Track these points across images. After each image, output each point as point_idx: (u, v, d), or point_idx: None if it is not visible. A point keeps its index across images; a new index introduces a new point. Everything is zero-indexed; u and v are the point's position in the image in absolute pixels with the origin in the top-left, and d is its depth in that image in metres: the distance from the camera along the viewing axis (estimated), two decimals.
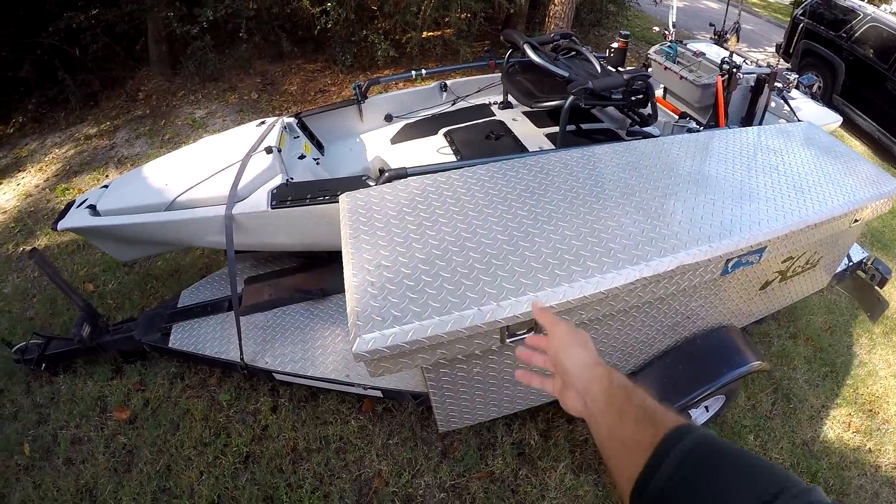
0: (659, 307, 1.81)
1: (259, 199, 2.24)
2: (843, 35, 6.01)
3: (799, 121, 2.86)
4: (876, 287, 2.45)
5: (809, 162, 2.11)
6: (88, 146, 4.68)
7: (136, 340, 2.53)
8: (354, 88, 3.11)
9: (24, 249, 3.51)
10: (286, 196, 2.21)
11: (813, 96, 3.13)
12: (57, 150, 4.68)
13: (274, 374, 2.32)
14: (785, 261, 2.00)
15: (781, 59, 6.75)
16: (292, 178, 2.40)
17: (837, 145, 2.29)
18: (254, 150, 2.43)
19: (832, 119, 3.10)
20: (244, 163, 2.35)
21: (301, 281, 2.57)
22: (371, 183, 2.22)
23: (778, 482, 0.52)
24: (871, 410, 2.66)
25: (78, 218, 2.39)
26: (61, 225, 2.37)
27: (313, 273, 2.61)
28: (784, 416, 2.58)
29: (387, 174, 2.16)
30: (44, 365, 2.58)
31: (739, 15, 3.00)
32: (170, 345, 2.46)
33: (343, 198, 1.85)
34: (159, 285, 3.15)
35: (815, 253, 2.10)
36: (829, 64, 6.15)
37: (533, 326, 1.50)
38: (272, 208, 2.20)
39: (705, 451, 0.59)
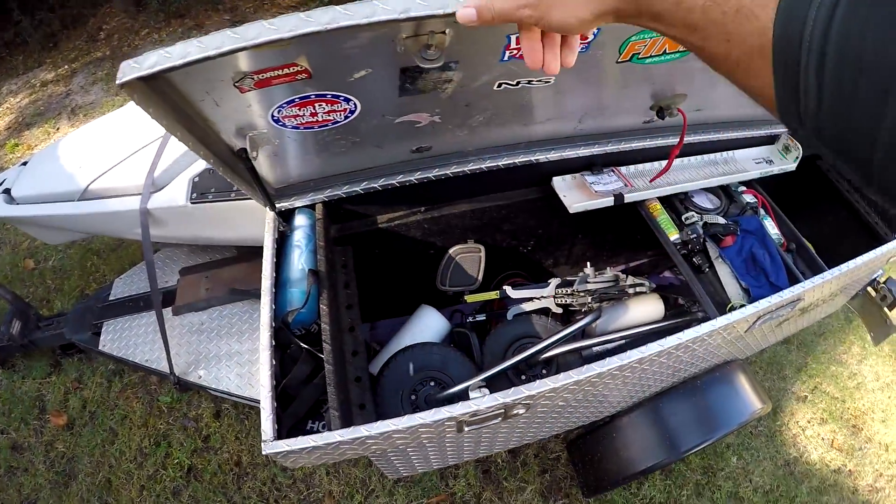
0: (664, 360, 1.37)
1: (178, 191, 1.75)
2: None
3: None
4: (885, 309, 2.03)
5: None
6: (44, 94, 4.03)
7: (66, 338, 2.14)
8: None
9: None
10: (209, 187, 1.71)
11: None
12: (12, 99, 4.05)
13: (209, 391, 1.89)
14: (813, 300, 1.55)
15: None
16: None
17: None
18: None
19: None
20: (163, 142, 1.82)
21: (242, 274, 2.09)
22: None
23: None
24: (854, 426, 2.33)
25: None
26: None
27: (253, 266, 2.10)
28: (769, 433, 2.24)
29: None
30: None
31: None
32: (100, 347, 2.04)
33: (269, 218, 1.36)
34: (101, 263, 2.68)
35: (845, 286, 1.65)
36: None
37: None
38: (192, 202, 1.71)
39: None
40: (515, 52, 1.04)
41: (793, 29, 0.38)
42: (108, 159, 1.89)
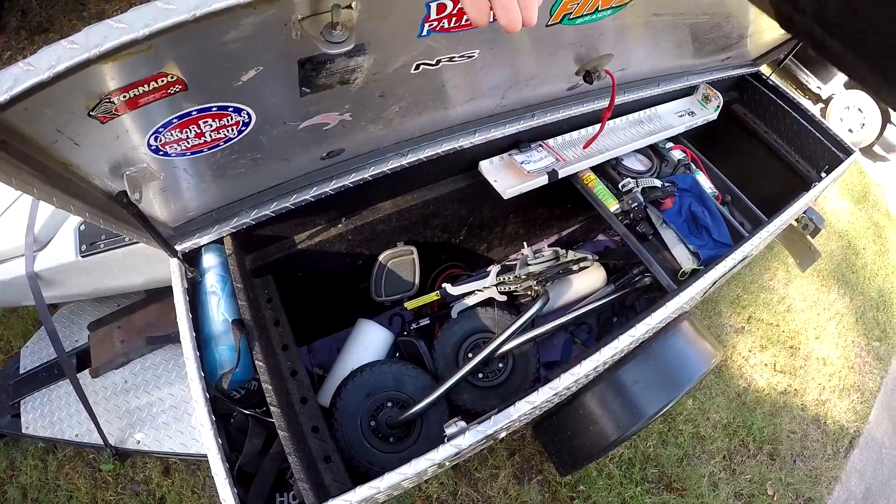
0: None
1: (64, 245, 1.52)
2: None
3: None
4: (808, 237, 2.10)
5: None
6: None
7: None
8: None
9: None
10: (98, 235, 1.49)
11: None
12: None
13: (153, 455, 1.71)
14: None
15: None
16: None
17: None
18: None
19: None
20: None
21: (155, 317, 1.87)
22: None
23: None
24: (792, 347, 2.46)
25: None
26: None
27: (166, 306, 1.88)
28: (717, 370, 2.32)
29: None
30: None
31: None
32: (24, 430, 1.81)
33: (173, 265, 1.18)
34: (2, 329, 2.34)
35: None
36: None
37: None
38: (83, 256, 1.48)
39: None
40: (436, 23, 0.88)
41: None
42: None
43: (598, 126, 1.55)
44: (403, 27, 0.86)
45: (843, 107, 4.40)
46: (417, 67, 1.02)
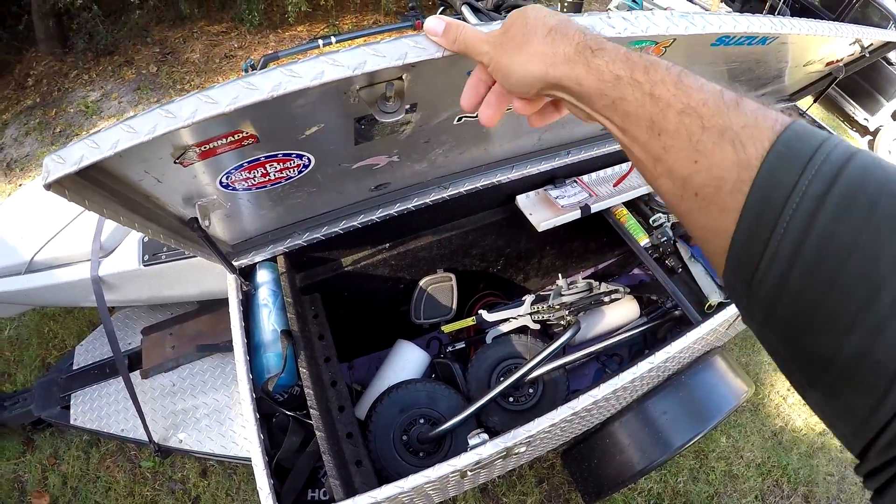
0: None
1: (129, 253, 1.65)
2: None
3: None
4: None
5: None
6: None
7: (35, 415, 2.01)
8: (245, 70, 2.33)
9: None
10: (160, 247, 1.62)
11: None
12: None
13: (193, 454, 1.80)
14: None
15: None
16: None
17: None
18: None
19: None
20: None
21: (206, 327, 1.99)
22: None
23: None
24: None
25: None
26: None
27: (218, 317, 2.00)
28: (753, 408, 2.28)
29: None
30: None
31: None
32: (72, 421, 1.93)
33: (230, 280, 1.27)
34: (58, 328, 2.52)
35: None
36: (772, 11, 5.49)
37: None
38: (145, 265, 1.60)
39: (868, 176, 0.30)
40: None
41: (785, 178, 0.31)
42: (51, 226, 1.76)
43: (629, 163, 1.59)
44: (448, 91, 0.96)
45: (892, 138, 4.28)
46: (460, 119, 1.12)
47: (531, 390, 1.56)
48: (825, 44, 1.40)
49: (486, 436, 1.07)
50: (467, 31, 0.54)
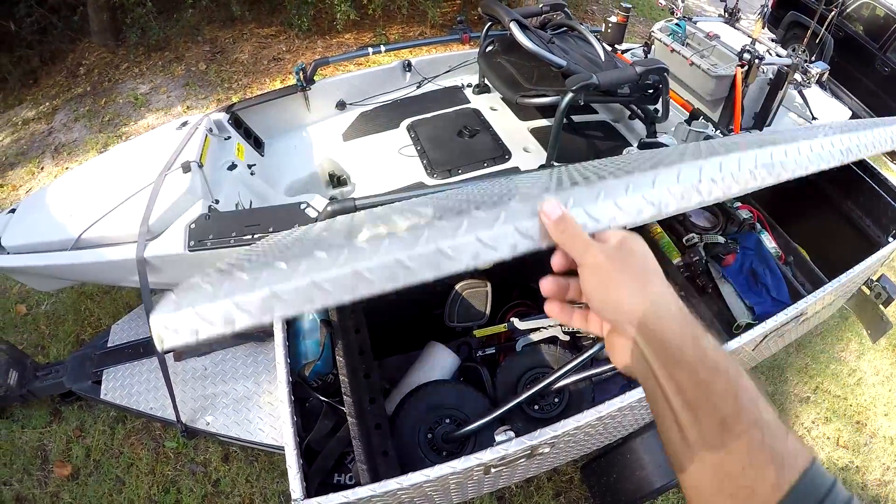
0: None
1: (175, 238, 1.70)
2: (834, 9, 5.23)
3: (814, 117, 2.32)
4: (880, 306, 2.03)
5: None
6: (26, 132, 3.92)
7: (66, 387, 2.08)
8: (297, 73, 2.40)
9: None
10: (206, 234, 1.67)
11: (821, 84, 2.57)
12: None
13: (218, 438, 1.84)
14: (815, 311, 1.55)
15: (802, 49, 5.97)
16: (217, 202, 1.83)
17: None
18: (169, 167, 1.82)
19: (842, 114, 2.55)
20: (157, 186, 1.77)
21: None
22: (310, 213, 1.67)
23: None
24: (858, 423, 2.34)
25: None
26: None
27: None
28: None
29: (330, 208, 1.61)
30: None
31: None
32: (102, 395, 1.98)
33: None
34: (94, 306, 2.60)
35: (844, 292, 1.66)
36: (815, 38, 5.41)
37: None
38: (190, 250, 1.66)
39: None
40: None
41: None
42: (100, 206, 1.84)
43: None
44: None
45: None
46: None
47: (556, 399, 1.56)
48: None
49: (512, 433, 1.09)
50: (578, 228, 0.48)
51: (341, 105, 2.61)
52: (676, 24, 2.49)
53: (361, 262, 0.42)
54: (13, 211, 2.05)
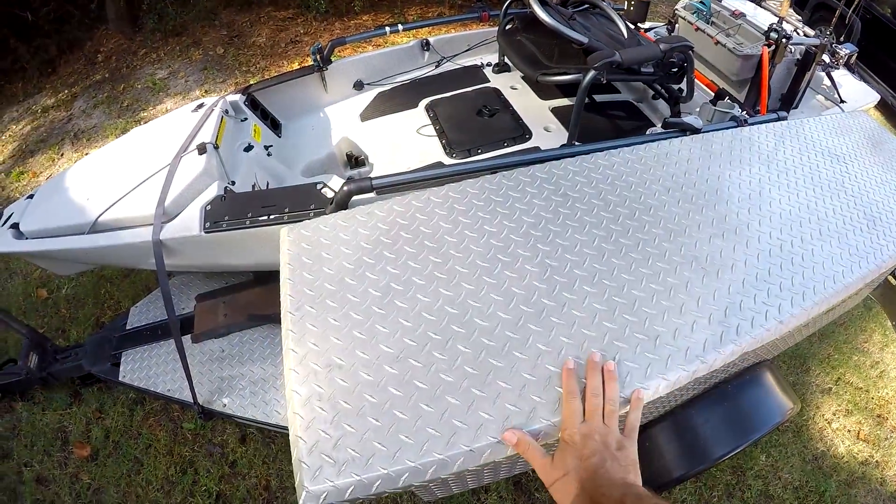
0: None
1: (190, 219, 1.69)
2: None
3: (842, 100, 2.24)
4: None
5: (876, 175, 1.55)
6: (45, 120, 3.97)
7: (85, 369, 2.10)
8: (313, 53, 2.38)
9: None
10: (222, 215, 1.66)
11: (849, 67, 2.48)
12: (14, 127, 3.97)
13: (235, 419, 1.85)
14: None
15: (829, 31, 5.78)
16: (233, 184, 1.83)
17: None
18: (184, 149, 1.82)
19: (871, 98, 2.46)
20: (172, 168, 1.76)
21: (259, 298, 2.04)
22: (327, 192, 1.65)
23: None
24: (879, 416, 2.28)
25: (1, 241, 1.88)
26: None
27: (271, 289, 2.05)
28: (796, 429, 2.19)
29: (346, 188, 1.59)
30: None
31: None
32: (120, 378, 2.01)
33: (284, 237, 1.27)
34: (114, 290, 2.62)
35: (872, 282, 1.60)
36: (842, 20, 5.21)
37: None
38: (206, 232, 1.65)
39: None
40: None
41: None
42: (116, 190, 1.83)
43: None
44: None
45: None
46: None
47: None
48: None
49: None
50: (534, 449, 0.82)
51: (359, 85, 2.59)
52: (701, 1, 2.41)
53: None
54: (31, 197, 2.06)
